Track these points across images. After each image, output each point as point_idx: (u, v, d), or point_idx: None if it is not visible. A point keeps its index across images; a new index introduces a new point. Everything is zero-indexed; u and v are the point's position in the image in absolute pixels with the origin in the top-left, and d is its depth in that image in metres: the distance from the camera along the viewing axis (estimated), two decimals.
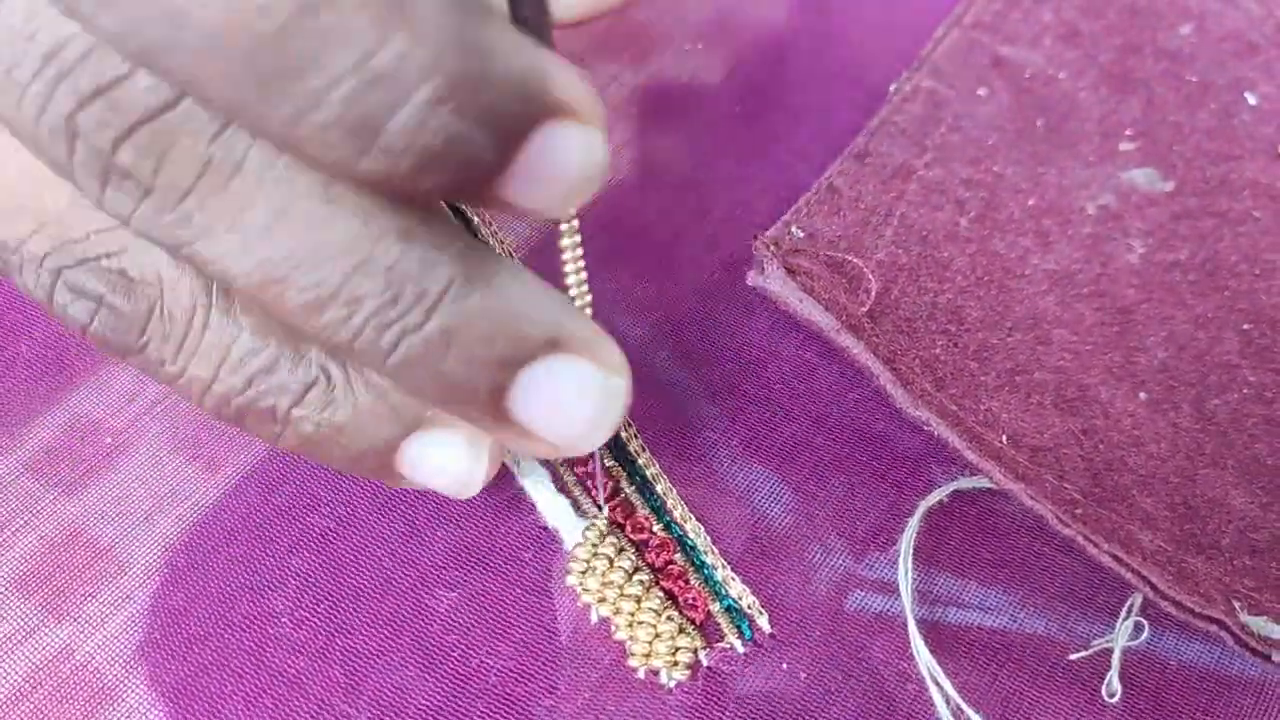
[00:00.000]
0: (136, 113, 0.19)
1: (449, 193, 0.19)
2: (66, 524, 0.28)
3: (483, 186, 0.19)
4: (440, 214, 0.21)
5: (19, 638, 0.26)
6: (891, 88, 0.37)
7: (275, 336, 0.23)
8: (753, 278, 0.31)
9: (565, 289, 0.25)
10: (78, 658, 0.26)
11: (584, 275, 0.25)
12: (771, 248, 0.30)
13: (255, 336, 0.23)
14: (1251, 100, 0.37)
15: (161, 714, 0.25)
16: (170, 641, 0.26)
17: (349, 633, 0.27)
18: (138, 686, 0.26)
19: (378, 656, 0.26)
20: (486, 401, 0.21)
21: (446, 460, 0.24)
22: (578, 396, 0.22)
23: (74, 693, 0.26)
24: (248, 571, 0.27)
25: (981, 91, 0.38)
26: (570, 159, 0.19)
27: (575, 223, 0.24)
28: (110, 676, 0.26)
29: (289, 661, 0.26)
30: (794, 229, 0.32)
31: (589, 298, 0.25)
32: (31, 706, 0.25)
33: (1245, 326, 0.32)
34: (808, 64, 0.39)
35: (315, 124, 0.18)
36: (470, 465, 0.25)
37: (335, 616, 0.27)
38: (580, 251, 0.24)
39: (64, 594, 0.27)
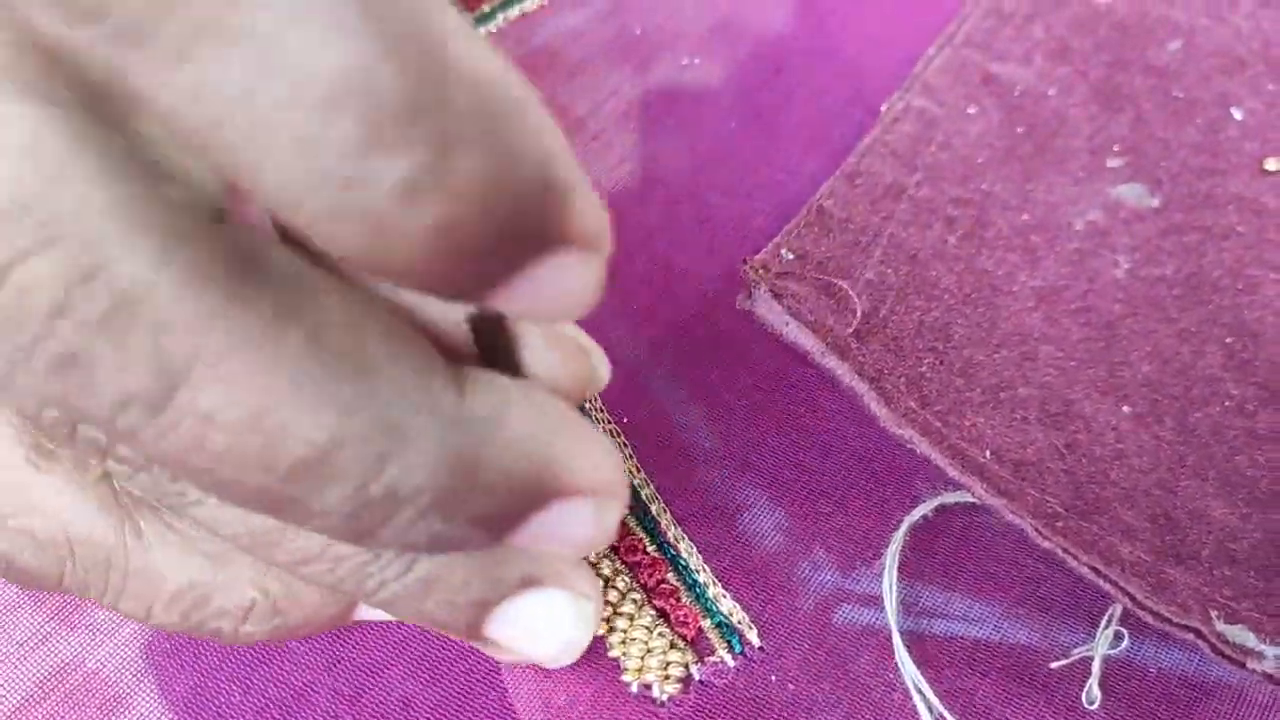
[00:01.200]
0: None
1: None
2: None
3: (480, 547, 0.20)
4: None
5: (30, 645, 0.28)
6: (883, 107, 0.38)
7: (201, 569, 0.23)
8: (741, 301, 0.32)
9: None
10: (88, 665, 0.27)
11: None
12: (760, 271, 0.31)
13: (181, 572, 0.23)
14: (1237, 115, 0.38)
15: None
16: (180, 651, 0.28)
17: (355, 645, 0.28)
18: (147, 695, 0.27)
19: (383, 669, 0.27)
20: (465, 630, 0.23)
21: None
22: (551, 624, 0.24)
23: (84, 700, 0.27)
24: None
25: (971, 110, 0.39)
26: (577, 530, 0.20)
27: None
28: (120, 685, 0.27)
29: (296, 674, 0.27)
30: (784, 251, 0.33)
31: None
32: (42, 714, 0.27)
33: (1228, 340, 0.33)
34: (804, 78, 0.40)
35: (320, 529, 0.19)
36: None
37: (341, 629, 0.28)
38: None
39: (75, 602, 0.28)
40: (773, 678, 0.27)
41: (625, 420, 0.32)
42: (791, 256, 0.33)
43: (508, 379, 0.19)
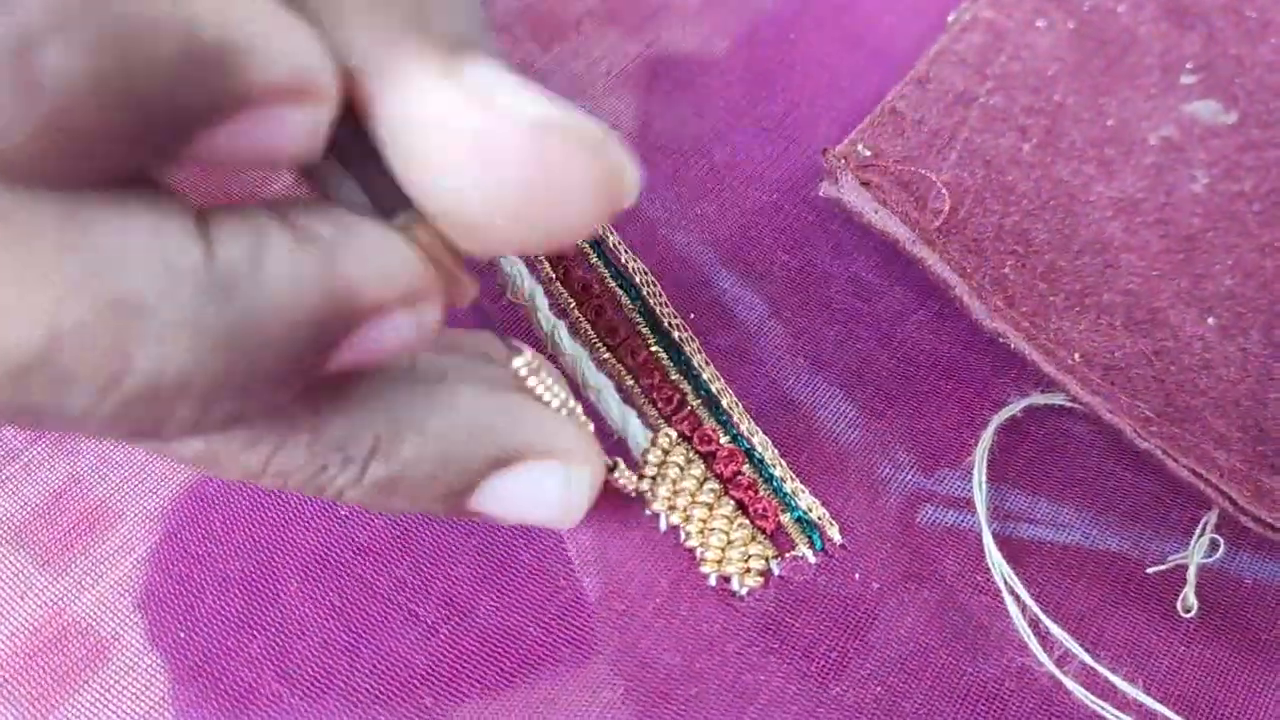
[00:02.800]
0: None
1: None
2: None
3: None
4: (366, 375, 0.20)
5: (14, 594, 0.26)
6: (950, 17, 0.37)
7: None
8: (825, 189, 0.30)
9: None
10: (72, 613, 0.26)
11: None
12: (842, 161, 0.30)
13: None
14: None
15: (233, 599, 0.25)
16: (245, 536, 0.26)
17: (415, 536, 0.26)
18: (134, 640, 0.25)
19: (445, 560, 0.26)
20: (450, 513, 0.22)
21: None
22: (538, 498, 0.22)
23: (69, 646, 0.25)
24: None
25: (1040, 23, 0.37)
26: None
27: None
28: (105, 632, 0.25)
29: (355, 561, 0.26)
30: (860, 147, 0.32)
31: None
32: (28, 662, 0.25)
33: None
34: (817, 39, 0.39)
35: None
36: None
37: (400, 520, 0.26)
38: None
39: (58, 545, 0.26)
40: (856, 575, 0.26)
41: (692, 316, 0.30)
42: (868, 153, 0.32)
43: (262, 215, 0.17)
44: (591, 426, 0.24)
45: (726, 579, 0.26)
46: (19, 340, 0.15)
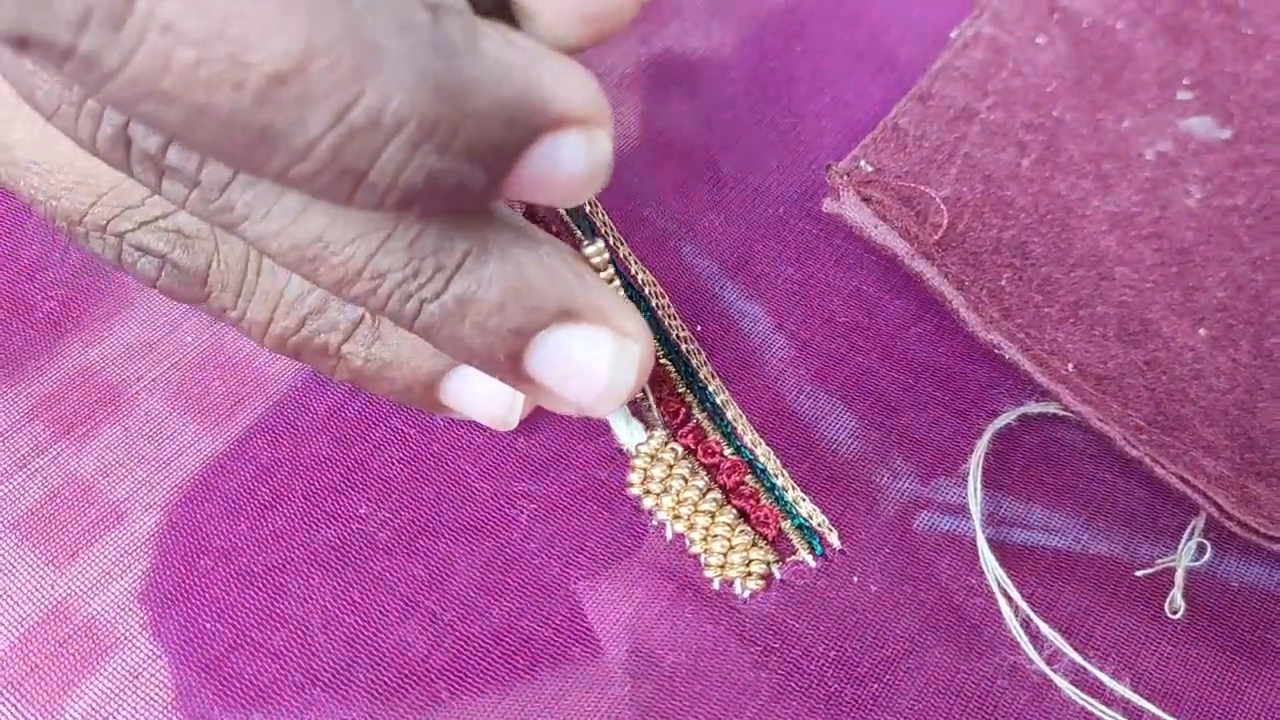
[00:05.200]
0: None
1: (445, 212, 0.21)
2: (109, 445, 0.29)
3: (479, 202, 0.20)
4: None
5: (24, 591, 0.27)
6: (953, 33, 0.38)
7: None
8: (828, 205, 0.31)
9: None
10: (83, 612, 0.27)
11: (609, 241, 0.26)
12: (844, 177, 0.31)
13: (304, 281, 0.24)
14: None
15: (251, 600, 0.26)
16: (259, 532, 0.27)
17: (432, 535, 0.27)
18: (141, 638, 0.27)
19: (461, 561, 0.27)
20: (506, 364, 0.23)
21: (484, 396, 0.26)
22: (592, 363, 0.23)
23: (77, 644, 0.26)
24: (331, 472, 0.28)
25: (1040, 39, 0.38)
26: (574, 164, 0.20)
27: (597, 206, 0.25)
28: (115, 630, 0.27)
29: (375, 560, 0.27)
30: (862, 163, 0.33)
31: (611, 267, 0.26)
32: (34, 659, 0.26)
33: None
34: (823, 43, 0.40)
35: (303, 174, 0.18)
36: (505, 403, 0.26)
37: (418, 520, 0.27)
38: (605, 218, 0.26)
39: (69, 549, 0.28)
40: (854, 579, 0.27)
41: (699, 329, 0.31)
42: (870, 169, 0.33)
43: (478, 19, 0.19)
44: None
45: (729, 583, 0.27)
46: (283, 48, 0.17)
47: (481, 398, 0.26)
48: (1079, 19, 0.39)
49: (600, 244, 0.26)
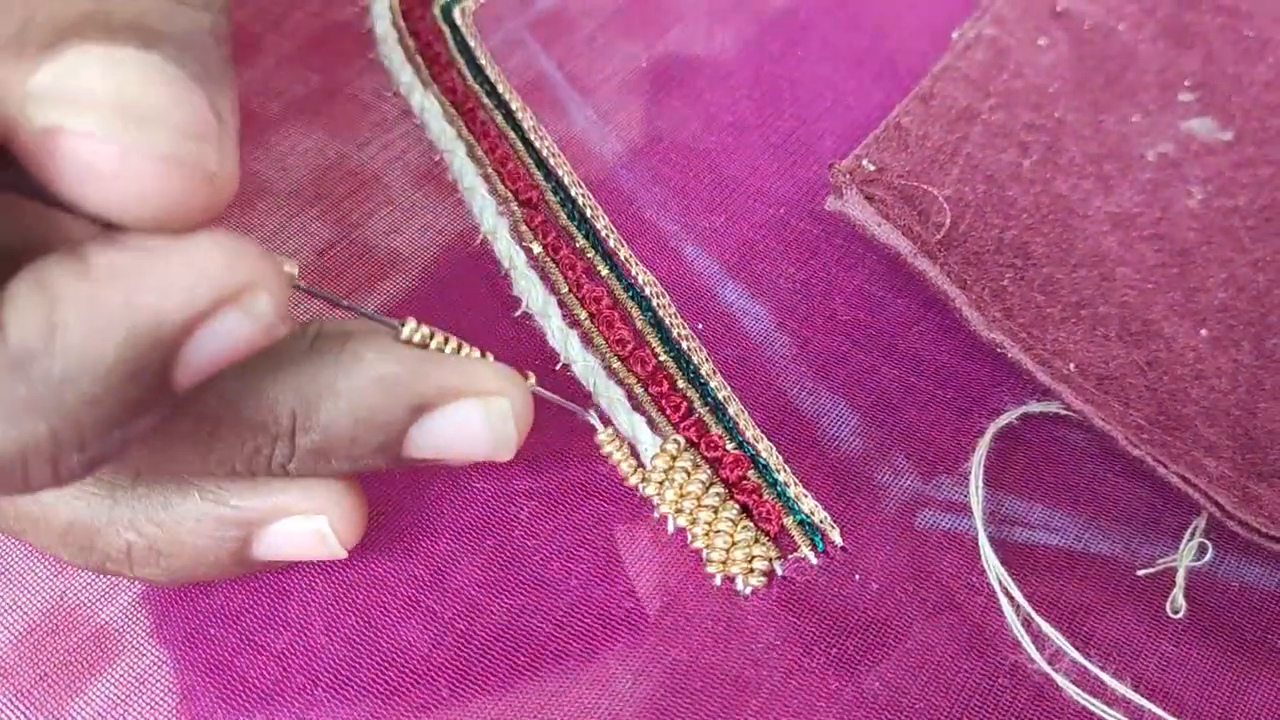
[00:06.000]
0: None
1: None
2: None
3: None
4: (265, 359, 0.21)
5: (28, 590, 0.27)
6: (955, 34, 0.38)
7: (86, 510, 0.24)
8: (830, 203, 0.31)
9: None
10: (86, 610, 0.27)
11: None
12: (847, 176, 0.31)
13: (67, 512, 0.24)
14: None
15: (252, 606, 0.26)
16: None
17: (432, 536, 0.27)
18: (143, 637, 0.27)
19: (460, 560, 0.27)
20: (389, 463, 0.23)
21: (299, 544, 0.25)
22: (466, 433, 0.23)
23: (80, 644, 0.26)
24: None
25: (1042, 41, 0.38)
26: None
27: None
28: (120, 630, 0.26)
29: (375, 561, 0.27)
30: (865, 162, 0.33)
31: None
32: (38, 658, 0.26)
33: None
34: (824, 45, 0.40)
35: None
36: (320, 540, 0.25)
37: (419, 520, 0.27)
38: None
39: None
40: (856, 576, 0.27)
41: (700, 327, 0.31)
42: (873, 168, 0.33)
43: (56, 269, 0.18)
44: (491, 358, 0.25)
45: (731, 579, 0.27)
46: None
47: (302, 546, 0.25)
48: (1081, 21, 0.39)
49: (411, 322, 0.23)
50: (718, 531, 0.27)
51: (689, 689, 0.25)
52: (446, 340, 0.24)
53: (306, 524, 0.24)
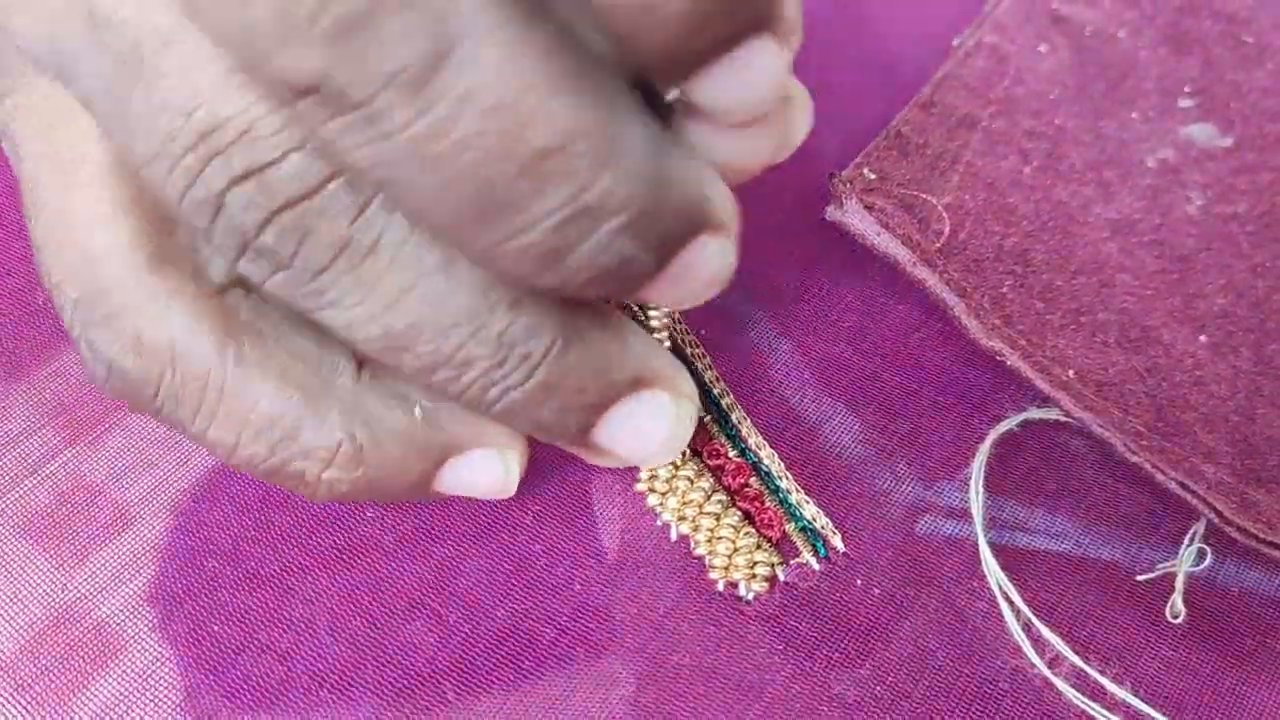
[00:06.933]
0: (284, 196, 0.20)
1: (603, 296, 0.22)
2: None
3: (635, 291, 0.21)
4: None
5: (32, 594, 0.27)
6: (955, 42, 0.38)
7: (295, 402, 0.23)
8: (830, 212, 0.31)
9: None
10: (91, 614, 0.27)
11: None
12: (847, 185, 0.31)
13: (274, 403, 0.23)
14: None
15: (259, 598, 0.26)
16: (267, 535, 0.27)
17: (437, 538, 0.28)
18: (148, 640, 0.27)
19: (465, 562, 0.27)
20: (575, 436, 0.24)
21: (481, 476, 0.26)
22: (655, 426, 0.24)
23: (84, 646, 0.26)
24: None
25: (1042, 48, 0.39)
26: (712, 264, 0.21)
27: None
28: (123, 632, 0.27)
29: (381, 562, 0.27)
30: (866, 170, 0.33)
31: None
32: (43, 660, 0.26)
33: None
34: (829, 52, 0.40)
35: (517, 248, 0.19)
36: (503, 475, 0.26)
37: (424, 522, 0.28)
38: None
39: (77, 551, 0.28)
40: (858, 581, 0.27)
41: (704, 333, 0.31)
42: (873, 176, 0.33)
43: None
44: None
45: (734, 584, 0.27)
46: (557, 126, 0.18)
47: (478, 478, 0.25)
48: (1081, 27, 0.39)
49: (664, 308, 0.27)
50: (720, 538, 0.27)
51: (692, 693, 0.26)
52: (664, 326, 0.27)
53: (498, 457, 0.25)
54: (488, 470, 0.25)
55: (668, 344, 0.28)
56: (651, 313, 0.27)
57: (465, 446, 0.25)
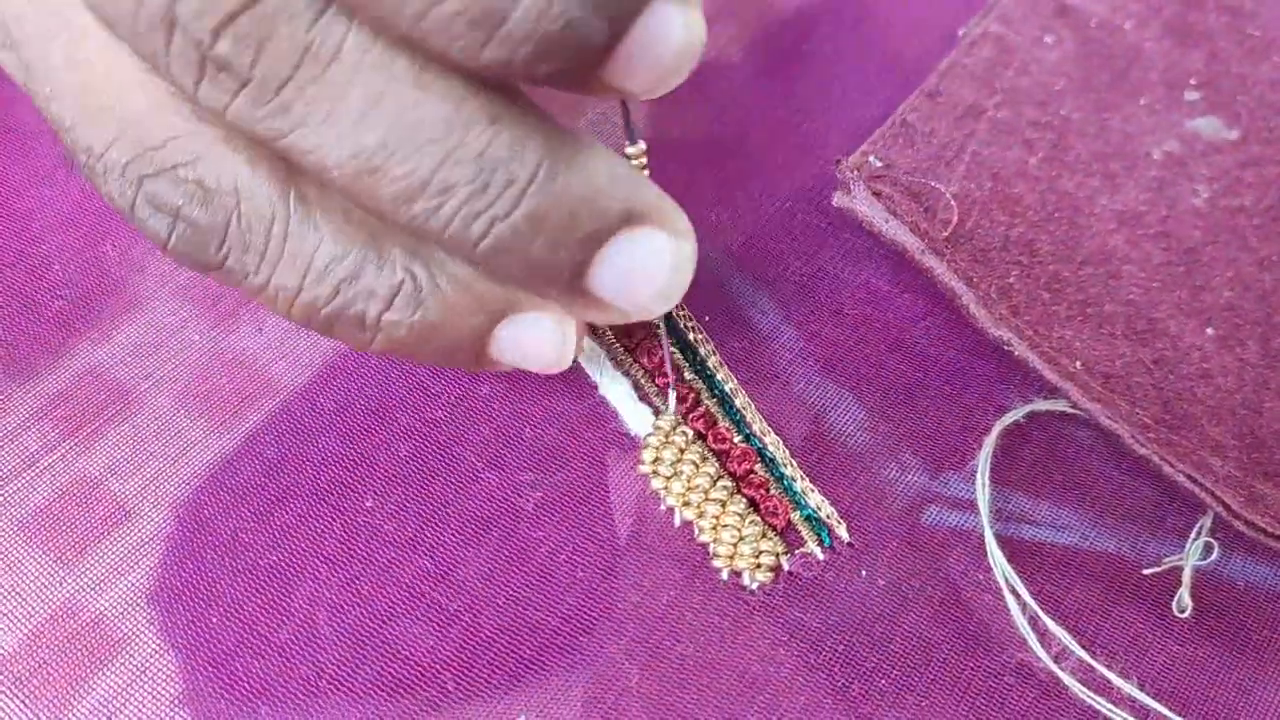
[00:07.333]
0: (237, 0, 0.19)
1: (558, 79, 0.20)
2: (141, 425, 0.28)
3: (590, 70, 0.20)
4: (525, 96, 0.21)
5: (31, 591, 0.26)
6: (961, 31, 0.38)
7: (358, 241, 0.23)
8: (838, 199, 0.31)
9: None
10: (90, 611, 0.27)
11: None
12: (854, 171, 0.31)
13: (337, 243, 0.23)
14: None
15: (260, 595, 0.26)
16: (266, 528, 0.27)
17: (438, 528, 0.27)
18: (148, 637, 0.26)
19: (465, 552, 0.27)
20: (568, 279, 0.22)
21: (537, 341, 0.25)
22: (652, 266, 0.22)
23: (84, 644, 0.26)
24: (337, 468, 0.28)
25: (1048, 39, 0.38)
26: (672, 36, 0.20)
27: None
28: (122, 629, 0.26)
29: (380, 552, 0.27)
30: (872, 158, 0.33)
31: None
32: (42, 658, 0.26)
33: None
34: (833, 44, 0.40)
35: (444, 15, 0.18)
36: (560, 342, 0.25)
37: (424, 512, 0.27)
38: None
39: (76, 546, 0.27)
40: (862, 572, 0.27)
41: (707, 319, 0.31)
42: (879, 164, 0.33)
43: None
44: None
45: (738, 574, 0.27)
46: None
47: (534, 343, 0.25)
48: (1087, 18, 0.39)
49: (641, 144, 0.26)
50: (725, 526, 0.27)
51: (695, 684, 0.25)
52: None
53: (556, 322, 0.24)
54: (545, 335, 0.25)
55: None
56: (630, 150, 0.26)
57: (523, 306, 0.24)
